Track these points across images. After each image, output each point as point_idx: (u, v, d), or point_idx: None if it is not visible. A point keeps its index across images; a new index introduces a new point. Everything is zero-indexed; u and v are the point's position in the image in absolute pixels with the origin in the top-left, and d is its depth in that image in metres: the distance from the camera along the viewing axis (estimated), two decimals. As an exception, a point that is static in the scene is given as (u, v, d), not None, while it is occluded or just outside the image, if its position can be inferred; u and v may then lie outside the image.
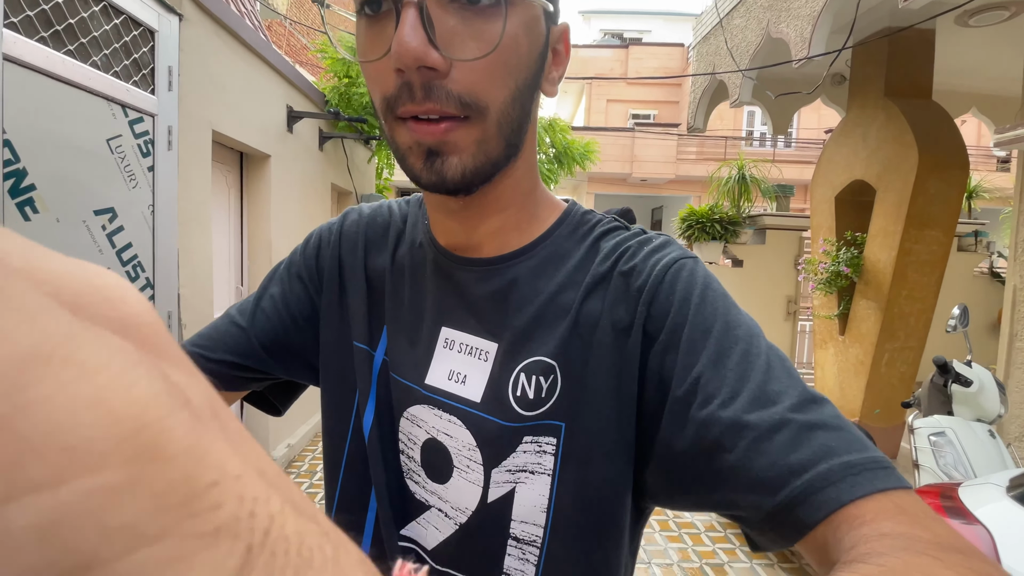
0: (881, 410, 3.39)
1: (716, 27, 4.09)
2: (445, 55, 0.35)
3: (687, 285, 0.40)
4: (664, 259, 0.41)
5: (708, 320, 0.38)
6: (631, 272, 0.42)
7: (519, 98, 0.38)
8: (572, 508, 0.40)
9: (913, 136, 3.07)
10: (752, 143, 12.82)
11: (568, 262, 0.44)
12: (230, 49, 2.49)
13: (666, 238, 0.45)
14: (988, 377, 2.03)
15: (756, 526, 0.33)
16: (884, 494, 0.29)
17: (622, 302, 0.41)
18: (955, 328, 2.18)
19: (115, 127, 1.65)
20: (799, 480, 0.30)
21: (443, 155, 0.37)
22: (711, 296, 0.39)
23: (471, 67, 0.35)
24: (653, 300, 0.40)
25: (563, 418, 0.40)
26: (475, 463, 0.42)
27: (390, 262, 0.49)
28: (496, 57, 0.36)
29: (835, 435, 0.32)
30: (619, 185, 12.53)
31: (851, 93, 3.61)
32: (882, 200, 3.32)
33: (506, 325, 0.43)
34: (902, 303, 3.28)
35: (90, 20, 1.58)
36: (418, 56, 0.34)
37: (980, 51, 3.60)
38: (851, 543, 0.27)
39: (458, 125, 0.36)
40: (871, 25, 3.20)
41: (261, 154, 2.95)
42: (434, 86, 0.35)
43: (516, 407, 0.41)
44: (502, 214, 0.44)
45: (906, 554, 0.24)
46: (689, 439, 0.35)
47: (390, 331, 0.48)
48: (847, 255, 3.41)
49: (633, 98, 13.46)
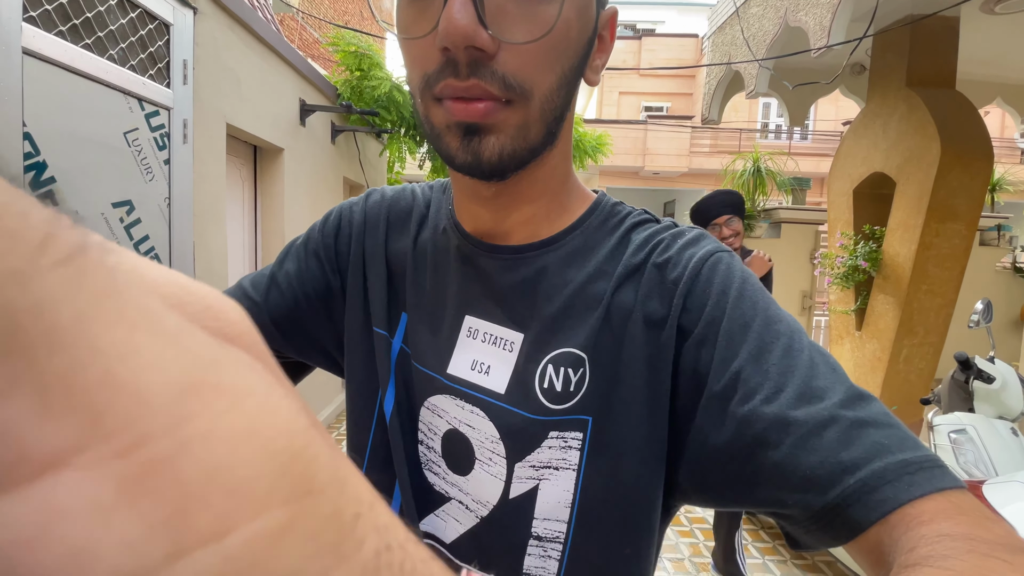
0: (898, 407, 3.34)
1: (732, 16, 4.02)
2: (495, 36, 0.33)
3: (725, 279, 0.39)
4: (700, 252, 0.40)
5: (747, 315, 0.37)
6: (666, 264, 0.40)
7: (565, 85, 0.37)
8: (598, 505, 0.39)
9: (935, 127, 3.00)
10: (767, 135, 12.63)
11: (599, 253, 0.43)
12: (243, 43, 2.50)
13: (700, 232, 0.44)
14: (1012, 373, 1.99)
15: (803, 524, 0.32)
16: (942, 494, 0.28)
17: (656, 295, 0.40)
18: (978, 323, 2.14)
19: (132, 120, 1.66)
20: (853, 478, 0.29)
21: (482, 134, 0.36)
22: (749, 291, 0.38)
23: (520, 50, 0.34)
24: (689, 293, 0.39)
25: (591, 412, 0.39)
26: (498, 456, 0.41)
27: (412, 246, 0.48)
28: (547, 41, 0.34)
29: (887, 432, 0.31)
30: (631, 178, 12.43)
31: (871, 83, 3.54)
32: (902, 193, 3.25)
33: (533, 315, 0.42)
34: (922, 298, 3.22)
35: (107, 14, 1.59)
36: (467, 35, 0.32)
37: (1006, 39, 3.50)
38: (910, 544, 0.26)
39: (500, 108, 0.35)
40: (893, 13, 3.12)
41: (275, 147, 2.97)
42: (480, 64, 0.34)
43: (543, 399, 0.40)
44: (535, 203, 0.43)
45: (972, 556, 0.24)
46: (728, 435, 0.34)
47: (410, 318, 0.47)
48: (865, 249, 3.35)
49: (646, 90, 13.31)
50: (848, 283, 3.44)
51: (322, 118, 3.63)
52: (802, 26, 3.17)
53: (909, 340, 3.29)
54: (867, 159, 3.52)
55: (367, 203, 0.52)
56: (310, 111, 3.30)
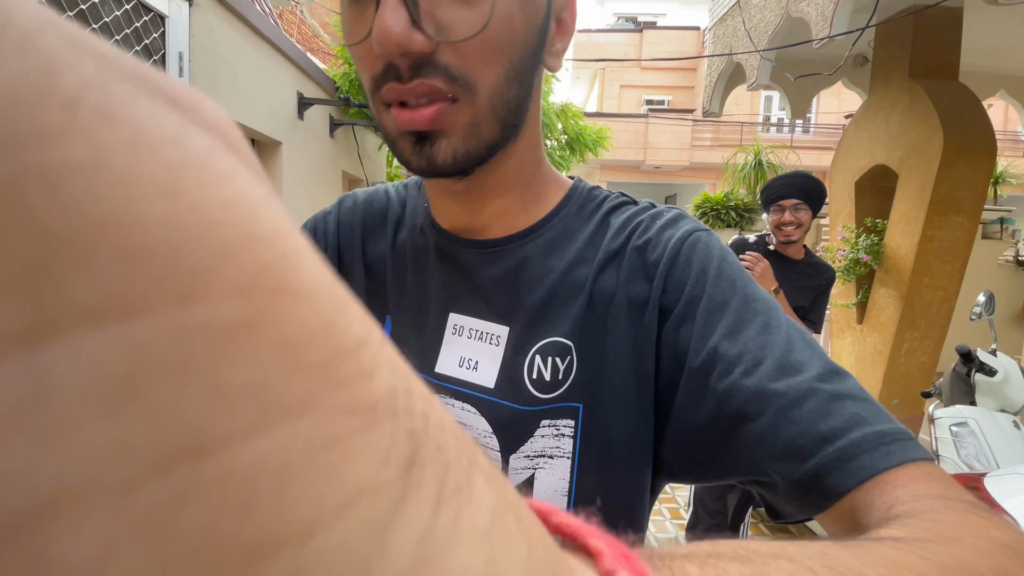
0: (899, 400, 3.34)
1: (733, 7, 3.98)
2: (430, 36, 0.32)
3: (703, 257, 0.39)
4: (679, 233, 0.41)
5: (726, 292, 0.37)
6: (646, 246, 0.41)
7: (516, 77, 0.36)
8: (594, 490, 0.40)
9: (938, 119, 2.97)
10: (769, 129, 12.57)
11: (578, 239, 0.43)
12: (240, 35, 2.48)
13: (678, 211, 0.44)
14: (1014, 366, 1.98)
15: (783, 494, 0.32)
16: (916, 463, 0.29)
17: (638, 277, 0.40)
18: (980, 316, 2.13)
19: (127, 113, 1.66)
20: (831, 447, 0.30)
21: (432, 139, 0.36)
22: (727, 269, 0.39)
23: (459, 46, 0.33)
24: (669, 274, 0.39)
25: (581, 399, 0.40)
26: (492, 450, 0.41)
27: (391, 248, 0.48)
28: (487, 35, 0.33)
29: (864, 405, 0.32)
30: (632, 172, 12.39)
31: (874, 74, 3.51)
32: (904, 186, 3.23)
33: (517, 307, 0.42)
34: (923, 291, 3.21)
35: (101, 6, 1.57)
36: (400, 42, 0.32)
37: (1010, 30, 3.46)
38: (887, 504, 0.27)
39: (447, 109, 0.35)
40: (896, 3, 3.09)
41: (272, 141, 2.95)
42: (420, 64, 0.33)
43: (532, 390, 0.40)
44: (507, 195, 0.43)
45: (952, 512, 0.24)
46: (710, 409, 0.35)
47: (394, 319, 0.46)
48: (867, 242, 3.33)
49: (647, 83, 13.24)
50: (849, 276, 3.43)
51: (320, 111, 3.61)
52: (804, 17, 3.14)
53: (911, 333, 3.28)
54: (869, 152, 3.50)
55: (340, 210, 0.51)
56: (308, 104, 3.28)
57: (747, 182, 5.82)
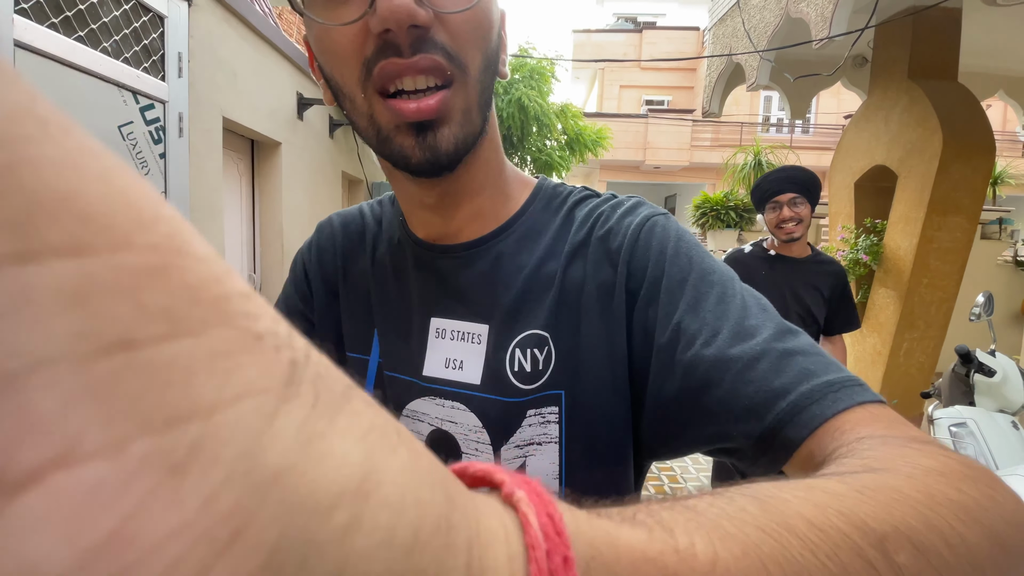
0: (899, 400, 3.34)
1: (733, 7, 3.98)
2: (429, 9, 0.34)
3: (661, 239, 0.41)
4: (637, 219, 0.43)
5: (684, 269, 0.39)
6: (608, 235, 0.43)
7: (488, 67, 0.39)
8: (582, 470, 0.41)
9: (937, 120, 2.97)
10: (768, 129, 12.57)
11: (546, 234, 0.45)
12: (240, 35, 2.48)
13: (637, 199, 0.46)
14: (1012, 367, 1.98)
15: (749, 455, 0.34)
16: (862, 407, 0.31)
17: (603, 265, 0.42)
18: (979, 316, 2.13)
19: (126, 114, 1.65)
20: (784, 402, 0.32)
21: (436, 127, 0.36)
22: (684, 247, 0.41)
23: (452, 24, 0.35)
24: (631, 259, 0.41)
25: (562, 386, 0.41)
26: (483, 444, 0.42)
27: (370, 265, 0.49)
28: (476, 14, 0.36)
29: (813, 359, 0.33)
30: (632, 172, 12.39)
31: (873, 75, 3.51)
32: (904, 186, 3.23)
33: (495, 305, 0.43)
34: (922, 292, 3.21)
35: (100, 6, 1.57)
36: (410, 12, 0.32)
37: (1008, 31, 3.47)
38: (833, 447, 0.29)
39: (448, 96, 0.36)
40: (895, 4, 3.09)
41: (272, 141, 2.95)
42: (422, 40, 0.34)
43: (516, 382, 0.42)
44: (479, 196, 0.44)
45: (887, 447, 0.26)
46: (677, 383, 0.36)
47: (380, 332, 0.48)
48: (866, 242, 3.34)
49: (647, 83, 13.24)
50: (849, 277, 3.44)
51: (320, 112, 3.61)
52: (803, 17, 3.14)
53: (910, 333, 3.28)
54: (868, 152, 3.50)
55: (320, 238, 0.53)
56: (308, 104, 3.28)
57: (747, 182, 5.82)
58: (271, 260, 3.09)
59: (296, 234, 3.22)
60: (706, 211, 6.83)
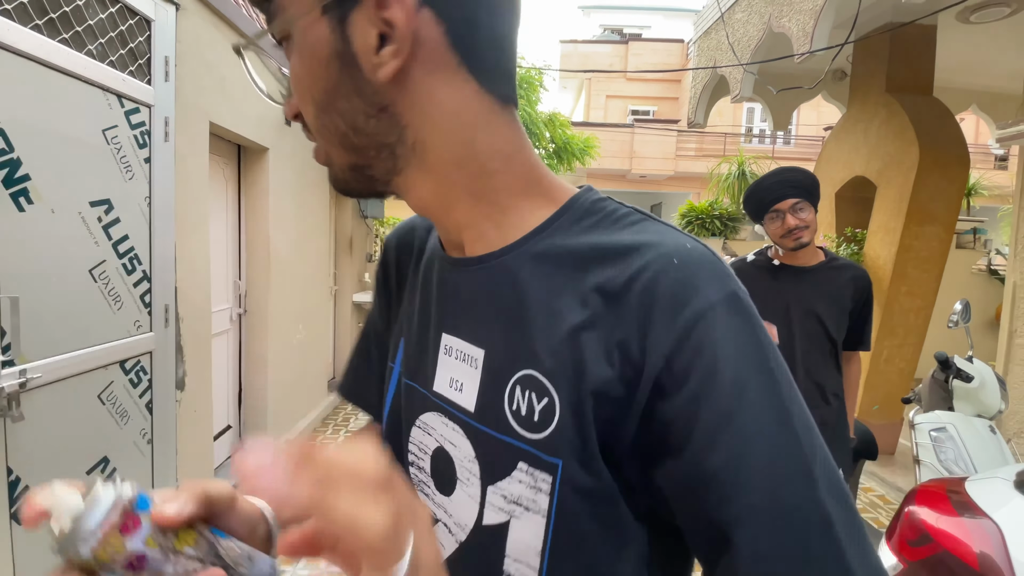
0: (880, 406, 3.40)
1: (717, 21, 4.07)
2: (290, 97, 0.42)
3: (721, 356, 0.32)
4: (698, 302, 0.32)
5: (748, 439, 0.31)
6: (652, 304, 0.33)
7: (327, 108, 0.39)
8: (570, 557, 0.36)
9: (914, 132, 3.06)
10: (752, 140, 12.81)
11: (568, 260, 0.37)
12: (227, 39, 2.46)
13: (701, 255, 0.35)
14: (989, 373, 2.03)
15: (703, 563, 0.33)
16: None
17: (635, 332, 0.33)
18: (957, 323, 2.18)
19: (111, 117, 1.63)
20: None
21: (329, 169, 0.43)
22: (752, 395, 0.31)
23: (295, 90, 0.42)
24: (673, 355, 0.32)
25: (561, 455, 0.35)
26: (474, 476, 0.40)
27: (414, 273, 0.50)
28: (294, 66, 0.39)
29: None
30: (618, 181, 12.50)
31: (852, 89, 3.60)
32: (883, 196, 3.32)
33: (492, 329, 0.39)
34: (902, 299, 3.28)
35: (85, 8, 1.55)
36: (289, 113, 0.43)
37: (981, 48, 3.59)
38: None
39: (317, 147, 0.42)
40: (873, 20, 3.19)
41: (259, 147, 2.93)
42: (301, 119, 0.42)
43: (513, 422, 0.37)
44: (452, 212, 0.40)
45: None
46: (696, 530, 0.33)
47: (406, 341, 0.48)
48: (847, 251, 3.40)
49: (633, 94, 13.42)
50: (831, 285, 3.50)
51: (308, 118, 3.59)
52: (786, 32, 3.22)
53: (890, 341, 3.35)
54: (848, 163, 3.59)
55: (395, 240, 0.56)
56: (295, 111, 3.26)
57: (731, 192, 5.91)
58: (257, 267, 3.05)
59: (282, 241, 3.19)
60: (692, 220, 6.93)
